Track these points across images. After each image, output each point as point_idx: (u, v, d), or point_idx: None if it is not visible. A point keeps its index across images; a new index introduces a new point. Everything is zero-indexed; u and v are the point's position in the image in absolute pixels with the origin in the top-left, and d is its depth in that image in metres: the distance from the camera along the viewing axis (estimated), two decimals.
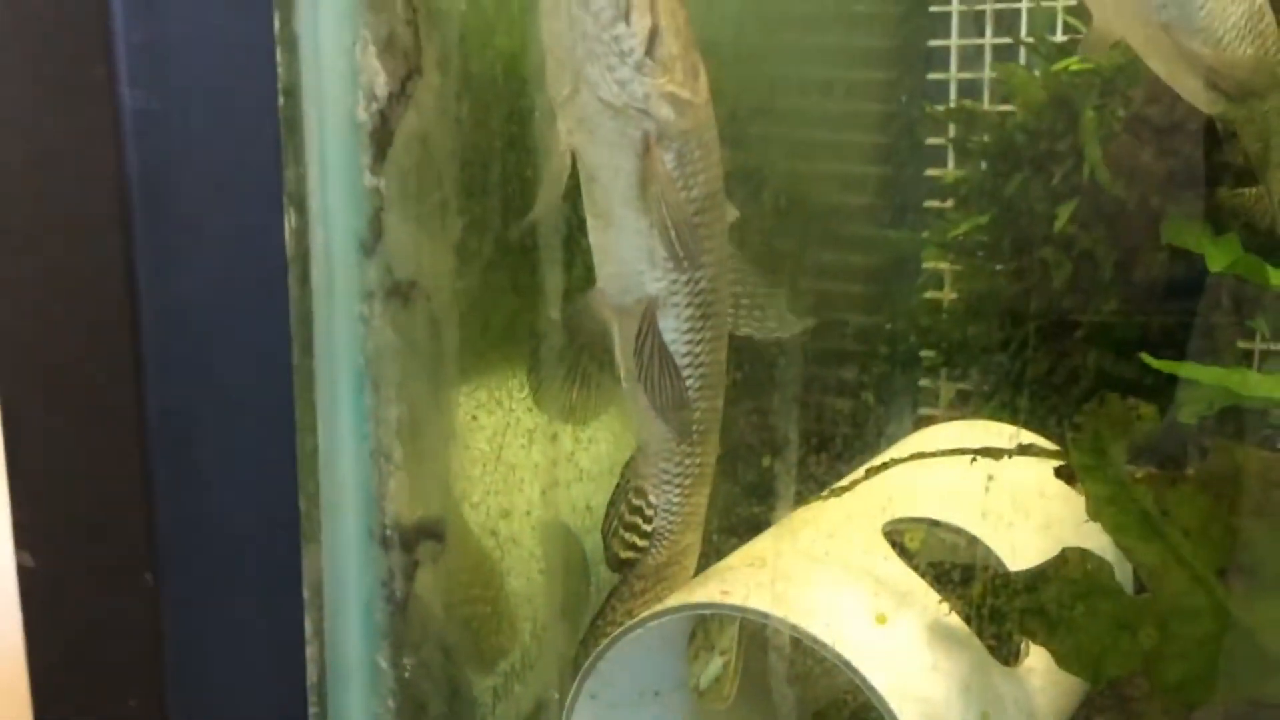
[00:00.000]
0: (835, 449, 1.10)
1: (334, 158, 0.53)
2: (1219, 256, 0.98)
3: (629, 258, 0.74)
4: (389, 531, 0.57)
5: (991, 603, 0.78)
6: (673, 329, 0.76)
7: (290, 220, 0.51)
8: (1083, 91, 1.15)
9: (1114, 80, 1.14)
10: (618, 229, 0.73)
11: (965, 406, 1.28)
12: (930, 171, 1.31)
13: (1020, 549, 0.84)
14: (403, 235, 0.55)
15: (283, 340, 0.52)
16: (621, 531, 0.82)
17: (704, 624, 0.95)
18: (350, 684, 0.57)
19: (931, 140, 1.32)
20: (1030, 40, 1.22)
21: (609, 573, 0.85)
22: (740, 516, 0.99)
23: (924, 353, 1.32)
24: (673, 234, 0.70)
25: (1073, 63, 1.16)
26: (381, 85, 0.52)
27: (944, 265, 1.32)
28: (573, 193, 0.74)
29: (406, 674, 0.57)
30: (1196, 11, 0.78)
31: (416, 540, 0.58)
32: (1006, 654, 0.81)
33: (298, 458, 0.54)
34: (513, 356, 0.78)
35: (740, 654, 0.93)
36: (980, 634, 0.79)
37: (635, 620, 0.76)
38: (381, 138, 0.53)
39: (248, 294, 0.49)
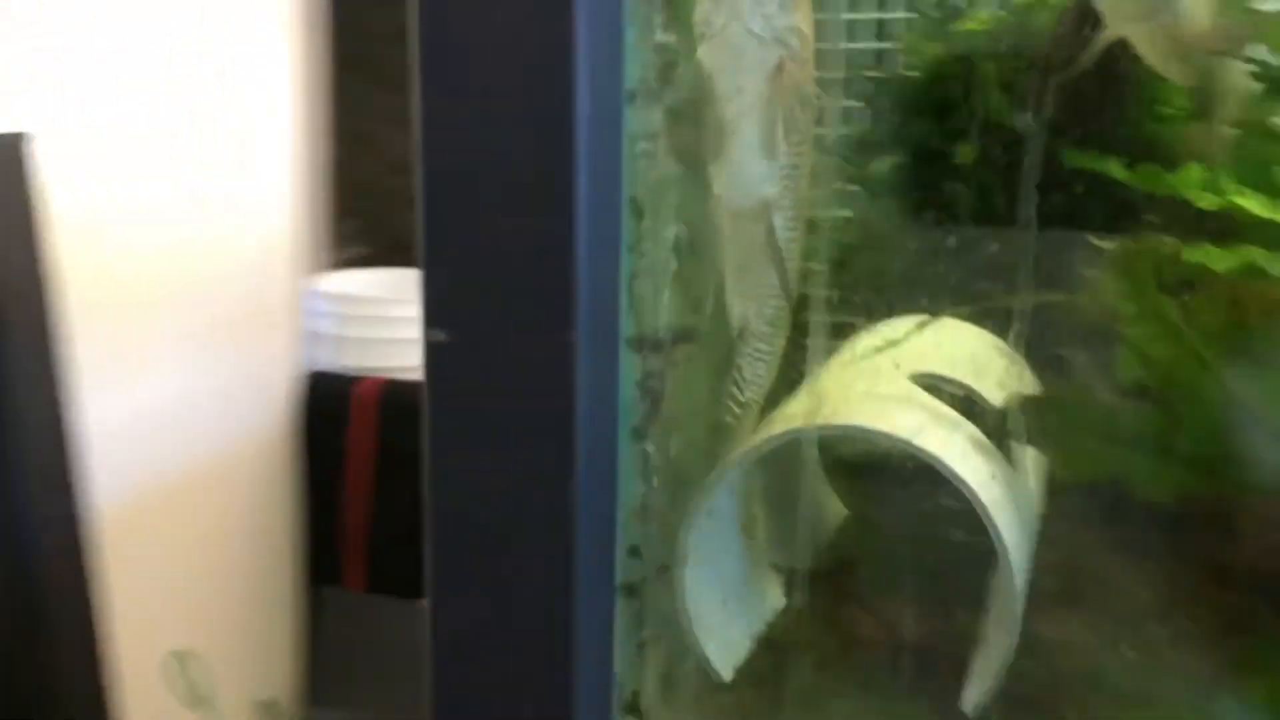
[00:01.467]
0: None
1: None
2: (1118, 169, 1.21)
3: (749, 165, 0.88)
4: (653, 336, 0.68)
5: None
6: (779, 227, 0.91)
7: None
8: (979, 47, 1.37)
9: (1004, 36, 1.37)
10: (741, 142, 0.87)
11: None
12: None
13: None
14: None
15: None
16: (725, 401, 0.96)
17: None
18: (619, 467, 0.68)
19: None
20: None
21: None
22: None
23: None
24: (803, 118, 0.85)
25: (969, 23, 1.38)
26: None
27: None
28: None
29: (670, 455, 0.68)
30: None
31: (674, 343, 0.69)
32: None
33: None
34: None
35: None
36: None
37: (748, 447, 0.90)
38: None
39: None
